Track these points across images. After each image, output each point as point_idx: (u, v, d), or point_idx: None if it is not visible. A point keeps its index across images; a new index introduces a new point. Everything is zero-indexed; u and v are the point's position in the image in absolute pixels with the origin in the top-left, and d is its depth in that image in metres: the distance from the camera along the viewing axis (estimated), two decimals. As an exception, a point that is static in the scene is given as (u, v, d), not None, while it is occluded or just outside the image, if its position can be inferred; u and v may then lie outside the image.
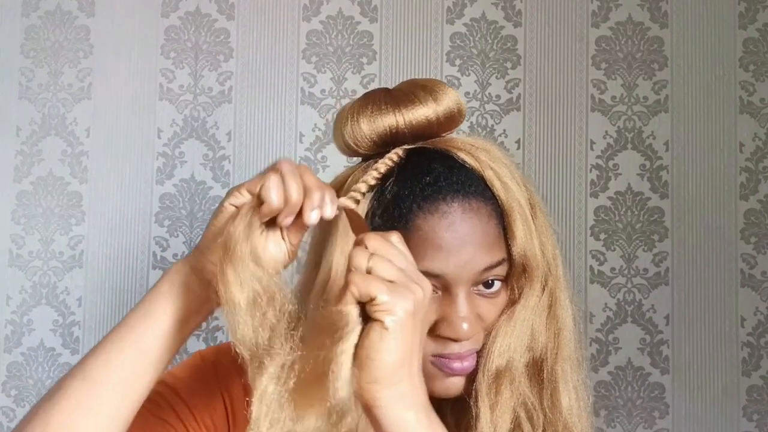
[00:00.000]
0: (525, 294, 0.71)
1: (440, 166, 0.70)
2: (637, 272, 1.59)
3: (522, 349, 0.71)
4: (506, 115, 1.62)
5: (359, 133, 0.71)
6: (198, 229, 1.60)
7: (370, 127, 0.71)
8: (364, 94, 0.75)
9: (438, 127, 0.73)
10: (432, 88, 0.72)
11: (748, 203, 1.59)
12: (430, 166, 0.70)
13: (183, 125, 1.62)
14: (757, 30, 1.62)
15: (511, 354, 0.70)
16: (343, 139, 0.73)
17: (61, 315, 1.58)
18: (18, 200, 1.61)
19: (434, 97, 0.72)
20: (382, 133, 0.71)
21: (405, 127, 0.71)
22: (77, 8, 1.64)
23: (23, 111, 1.62)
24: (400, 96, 0.72)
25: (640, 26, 1.63)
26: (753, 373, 1.56)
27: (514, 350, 0.70)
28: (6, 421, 1.57)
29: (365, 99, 0.73)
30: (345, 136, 0.72)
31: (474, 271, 0.69)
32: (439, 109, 0.71)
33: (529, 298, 0.71)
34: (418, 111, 0.71)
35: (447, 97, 0.72)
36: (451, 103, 0.72)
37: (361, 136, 0.71)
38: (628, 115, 1.61)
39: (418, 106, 0.71)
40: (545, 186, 1.60)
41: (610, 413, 1.56)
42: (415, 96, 0.72)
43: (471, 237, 0.68)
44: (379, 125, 0.71)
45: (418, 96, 0.72)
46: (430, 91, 0.72)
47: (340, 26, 1.64)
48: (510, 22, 1.63)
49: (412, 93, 0.72)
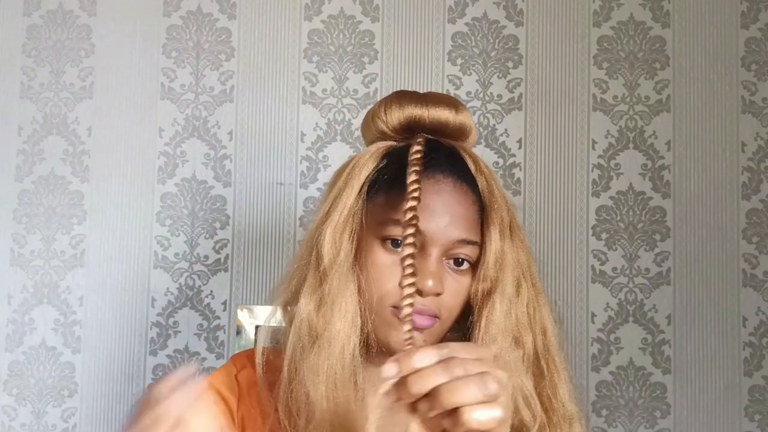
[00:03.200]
0: (500, 284, 0.79)
1: (446, 153, 0.83)
2: (639, 272, 1.58)
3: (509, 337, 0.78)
4: (508, 114, 1.61)
5: (392, 114, 0.83)
6: (199, 228, 1.60)
7: (401, 111, 0.83)
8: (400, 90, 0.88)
9: (451, 131, 0.85)
10: (455, 103, 0.86)
11: (750, 203, 1.59)
12: (438, 149, 0.83)
13: (184, 124, 1.62)
14: (759, 29, 1.62)
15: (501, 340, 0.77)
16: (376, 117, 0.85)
17: (62, 314, 1.58)
18: (19, 199, 1.61)
19: (456, 108, 0.85)
20: (410, 117, 0.83)
21: (428, 119, 0.83)
22: (79, 7, 1.64)
23: (25, 110, 1.62)
24: (429, 97, 0.85)
25: (641, 26, 1.63)
26: (755, 373, 1.56)
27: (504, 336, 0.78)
28: (8, 420, 1.57)
29: (401, 91, 0.87)
30: (380, 114, 0.84)
31: (449, 238, 0.78)
32: (457, 117, 0.84)
33: (505, 288, 0.79)
34: (441, 111, 0.84)
35: (464, 114, 0.86)
36: (466, 119, 0.85)
37: (392, 117, 0.83)
38: (630, 115, 1.61)
39: (442, 107, 0.84)
40: (546, 185, 1.60)
41: (611, 413, 1.56)
42: (441, 100, 0.85)
43: (454, 208, 0.79)
44: (409, 112, 0.83)
45: (444, 101, 0.85)
46: (454, 103, 0.86)
47: (342, 25, 1.63)
48: (512, 21, 1.63)
49: (440, 98, 0.86)
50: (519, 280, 0.81)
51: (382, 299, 0.78)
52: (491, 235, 0.79)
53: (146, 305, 1.58)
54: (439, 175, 0.80)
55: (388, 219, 0.79)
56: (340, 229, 0.80)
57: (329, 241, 0.80)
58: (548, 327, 0.83)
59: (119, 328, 1.58)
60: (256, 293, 1.58)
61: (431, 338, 0.79)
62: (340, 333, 0.77)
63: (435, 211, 0.78)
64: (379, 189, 0.81)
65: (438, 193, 0.79)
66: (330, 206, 0.82)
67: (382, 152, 0.84)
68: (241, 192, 1.61)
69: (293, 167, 1.61)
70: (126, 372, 1.57)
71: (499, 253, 0.79)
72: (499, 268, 0.79)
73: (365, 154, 0.84)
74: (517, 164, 1.61)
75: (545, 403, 0.80)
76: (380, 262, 0.78)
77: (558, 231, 1.59)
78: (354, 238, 0.81)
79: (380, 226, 0.79)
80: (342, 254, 0.79)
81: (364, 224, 0.81)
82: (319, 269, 0.80)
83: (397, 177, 0.79)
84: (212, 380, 0.86)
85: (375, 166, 0.83)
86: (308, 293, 0.80)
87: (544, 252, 1.58)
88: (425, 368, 0.58)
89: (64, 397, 1.57)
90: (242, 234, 1.60)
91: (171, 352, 1.57)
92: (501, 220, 0.80)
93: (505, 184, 1.59)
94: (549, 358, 0.81)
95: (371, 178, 0.82)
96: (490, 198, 0.81)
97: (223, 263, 1.59)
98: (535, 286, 0.83)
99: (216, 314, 1.58)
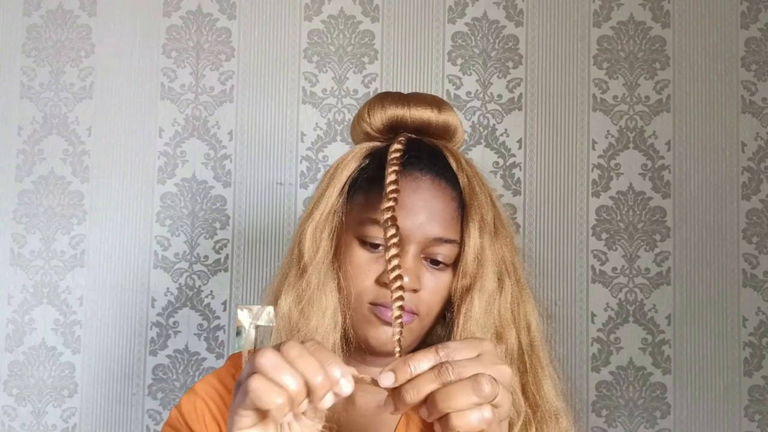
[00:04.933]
0: (479, 280, 0.79)
1: (427, 151, 0.84)
2: (639, 272, 1.58)
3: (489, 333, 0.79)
4: (508, 114, 1.61)
5: (375, 116, 0.84)
6: (199, 228, 1.60)
7: (383, 112, 0.84)
8: (384, 91, 0.89)
9: (435, 130, 0.86)
10: (439, 102, 0.86)
11: (750, 203, 1.59)
12: (419, 147, 0.83)
13: (184, 124, 1.62)
14: (759, 29, 1.62)
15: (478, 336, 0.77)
16: (360, 119, 0.86)
17: (62, 314, 1.58)
18: (19, 199, 1.61)
19: (439, 107, 0.86)
20: (392, 117, 0.84)
21: (410, 119, 0.84)
22: (79, 7, 1.64)
23: (25, 110, 1.62)
24: (412, 97, 0.86)
25: (641, 26, 1.63)
26: (755, 373, 1.56)
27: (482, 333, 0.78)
28: (8, 420, 1.57)
29: (385, 92, 0.88)
30: (364, 115, 0.85)
31: (425, 236, 0.78)
32: (440, 116, 0.85)
33: (484, 284, 0.79)
34: (423, 111, 0.84)
35: (447, 113, 0.86)
36: (450, 118, 0.86)
37: (375, 118, 0.84)
38: (630, 115, 1.61)
39: (424, 107, 0.85)
40: (547, 185, 1.60)
41: (611, 413, 1.56)
42: (423, 100, 0.86)
43: (431, 205, 0.79)
44: (391, 112, 0.84)
45: (426, 100, 0.86)
46: (437, 102, 0.86)
47: (342, 26, 1.63)
48: (512, 21, 1.63)
49: (422, 97, 0.87)
50: (502, 276, 0.81)
51: (359, 296, 0.79)
52: (470, 232, 0.79)
53: (146, 305, 1.58)
54: (417, 172, 0.81)
55: (366, 218, 0.80)
56: (320, 228, 0.82)
57: (309, 239, 0.81)
58: (532, 322, 0.83)
59: (119, 328, 1.58)
60: (256, 293, 1.58)
61: (411, 335, 0.80)
62: (318, 329, 0.78)
63: (412, 209, 0.78)
64: (359, 188, 0.83)
65: (415, 190, 0.80)
66: (313, 205, 0.84)
67: (365, 152, 0.85)
68: (241, 192, 1.61)
69: (293, 167, 1.61)
70: (126, 372, 1.57)
71: (479, 250, 0.79)
72: (478, 265, 0.79)
73: (349, 154, 0.85)
74: (517, 164, 1.61)
75: (530, 398, 0.80)
76: (357, 260, 0.80)
77: (558, 231, 1.59)
78: (334, 236, 0.82)
79: (359, 225, 0.80)
80: (321, 252, 0.81)
81: (344, 223, 0.82)
82: (299, 267, 0.81)
83: (376, 176, 0.80)
84: (210, 381, 0.87)
85: (357, 165, 0.84)
86: (288, 290, 0.81)
87: (544, 252, 1.58)
88: (419, 376, 0.57)
89: (64, 397, 1.57)
90: (242, 234, 1.60)
91: (171, 352, 1.57)
92: (481, 217, 0.80)
93: (505, 184, 1.60)
94: (533, 354, 0.82)
95: (353, 177, 0.84)
96: (470, 195, 0.81)
97: (223, 263, 1.59)
98: (519, 282, 0.83)
99: (216, 314, 1.58)
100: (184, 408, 0.86)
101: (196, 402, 0.85)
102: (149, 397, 1.57)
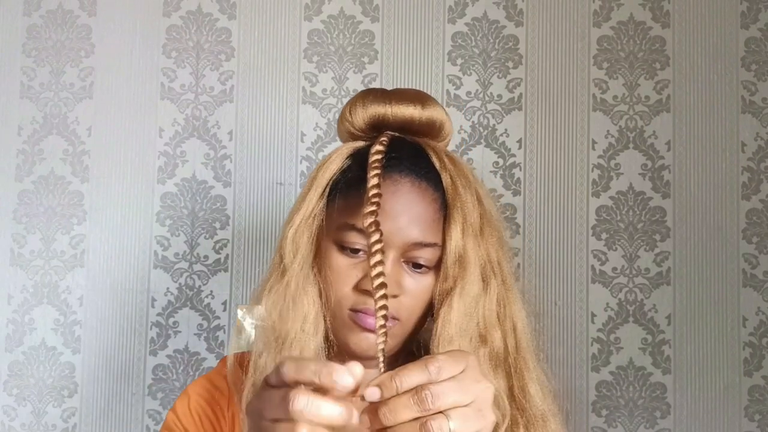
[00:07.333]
0: (460, 283, 0.77)
1: (409, 151, 0.82)
2: (639, 272, 1.58)
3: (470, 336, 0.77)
4: (508, 114, 1.61)
5: (356, 115, 0.83)
6: (199, 228, 1.60)
7: (364, 111, 0.83)
8: (367, 89, 0.87)
9: (419, 127, 0.84)
10: (423, 98, 0.84)
11: (750, 203, 1.59)
12: (401, 147, 0.81)
13: (184, 124, 1.62)
14: (759, 30, 1.62)
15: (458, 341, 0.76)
16: (343, 118, 0.84)
17: (62, 314, 1.58)
18: (19, 199, 1.61)
19: (422, 103, 0.83)
20: (374, 116, 0.82)
21: (392, 117, 0.82)
22: (79, 7, 1.64)
23: (25, 110, 1.62)
24: (394, 93, 0.84)
25: (641, 26, 1.63)
26: (755, 373, 1.56)
27: (461, 336, 0.76)
28: (8, 420, 1.57)
29: (367, 90, 0.86)
30: (345, 114, 0.84)
31: (405, 240, 0.77)
32: (423, 113, 0.83)
33: (465, 287, 0.77)
34: (405, 108, 0.83)
35: (432, 108, 0.84)
36: (435, 114, 0.84)
37: (356, 117, 0.83)
38: (630, 115, 1.61)
39: (406, 104, 0.83)
40: (546, 185, 1.60)
41: (611, 413, 1.56)
42: (406, 96, 0.84)
43: (411, 209, 0.78)
44: (372, 111, 0.83)
45: (408, 97, 0.84)
46: (420, 98, 0.84)
47: (342, 26, 1.63)
48: (512, 21, 1.63)
49: (405, 94, 0.84)
50: (487, 277, 0.79)
51: (339, 302, 0.78)
52: (452, 235, 0.78)
53: (146, 305, 1.58)
54: (396, 175, 0.79)
55: (344, 223, 0.78)
56: (300, 231, 0.80)
57: (289, 243, 0.80)
58: (519, 323, 0.81)
59: (119, 328, 1.58)
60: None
61: (393, 340, 0.78)
62: (296, 333, 0.77)
63: (391, 213, 0.76)
64: (339, 191, 0.81)
65: (394, 194, 0.78)
66: (295, 208, 0.82)
67: (347, 153, 0.83)
68: (241, 192, 1.61)
69: (293, 167, 1.61)
70: (126, 372, 1.57)
71: (461, 251, 0.78)
72: (459, 267, 0.77)
73: (332, 155, 0.84)
74: (517, 164, 1.61)
75: (516, 401, 0.78)
76: (336, 266, 0.78)
77: (558, 231, 1.59)
78: (314, 240, 0.81)
79: (338, 230, 0.79)
80: (300, 256, 0.80)
81: (324, 226, 0.81)
82: (279, 270, 0.81)
83: (356, 180, 0.79)
84: (202, 382, 0.88)
85: (339, 167, 0.83)
86: (268, 293, 0.80)
87: (543, 252, 1.58)
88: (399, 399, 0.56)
89: (64, 397, 1.57)
90: (242, 234, 1.60)
91: (171, 352, 1.57)
92: (464, 218, 0.78)
93: (505, 184, 1.60)
94: (519, 356, 0.80)
95: (334, 179, 0.82)
96: (453, 195, 0.79)
97: (223, 263, 1.59)
98: (506, 282, 0.81)
99: (216, 314, 1.58)
100: (179, 410, 0.86)
101: (189, 404, 0.86)
102: (149, 397, 1.57)
